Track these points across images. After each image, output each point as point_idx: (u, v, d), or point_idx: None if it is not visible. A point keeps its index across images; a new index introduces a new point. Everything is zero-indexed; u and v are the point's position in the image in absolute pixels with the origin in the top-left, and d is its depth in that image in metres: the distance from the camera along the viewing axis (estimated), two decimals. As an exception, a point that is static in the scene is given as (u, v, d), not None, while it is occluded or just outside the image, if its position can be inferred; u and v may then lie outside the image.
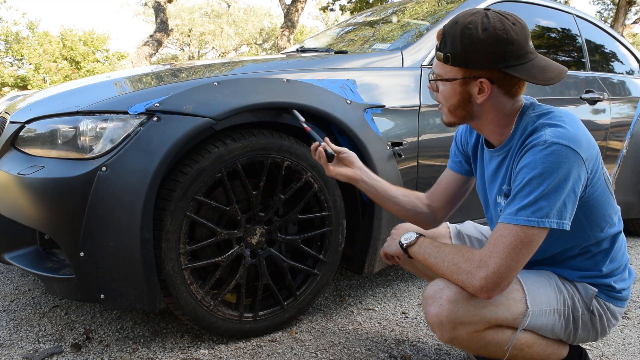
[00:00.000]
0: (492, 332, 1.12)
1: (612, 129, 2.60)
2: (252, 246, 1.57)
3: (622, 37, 3.10)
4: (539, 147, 1.02)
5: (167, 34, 11.50)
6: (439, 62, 1.10)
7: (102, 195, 1.29)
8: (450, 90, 1.11)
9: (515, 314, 1.11)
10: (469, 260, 1.05)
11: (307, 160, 1.59)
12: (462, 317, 1.07)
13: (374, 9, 3.04)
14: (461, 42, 1.03)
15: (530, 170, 1.02)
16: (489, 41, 1.02)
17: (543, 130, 1.04)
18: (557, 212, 1.00)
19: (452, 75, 1.09)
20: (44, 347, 1.53)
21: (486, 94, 1.08)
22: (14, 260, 1.55)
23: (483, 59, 1.04)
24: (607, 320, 1.20)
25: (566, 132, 1.02)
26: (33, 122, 1.47)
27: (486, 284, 1.02)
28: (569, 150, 1.00)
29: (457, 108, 1.13)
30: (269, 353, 1.52)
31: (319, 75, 1.65)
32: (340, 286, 2.10)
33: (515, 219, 1.02)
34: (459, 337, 1.10)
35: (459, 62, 1.06)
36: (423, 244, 1.19)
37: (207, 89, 1.43)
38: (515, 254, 1.01)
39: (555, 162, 0.99)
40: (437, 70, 1.12)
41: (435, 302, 1.09)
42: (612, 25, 11.78)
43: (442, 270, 1.11)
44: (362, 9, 11.52)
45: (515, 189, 1.05)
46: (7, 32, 16.12)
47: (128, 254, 1.32)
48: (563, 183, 1.00)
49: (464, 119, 1.15)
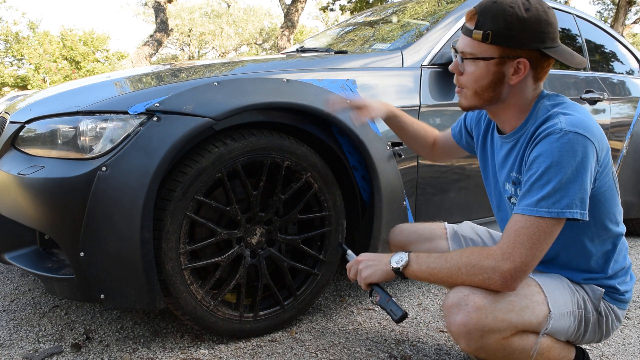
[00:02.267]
0: (518, 339, 1.08)
1: (612, 129, 2.60)
2: (252, 246, 1.57)
3: (622, 37, 3.10)
4: (554, 135, 1.01)
5: (167, 34, 11.50)
6: (473, 41, 1.07)
7: (102, 195, 1.29)
8: (483, 70, 1.08)
9: (540, 318, 1.09)
10: (490, 256, 1.03)
11: (307, 160, 1.59)
12: (491, 324, 1.03)
13: (374, 9, 3.04)
14: (504, 20, 1.02)
15: (547, 158, 1.00)
16: (532, 20, 1.02)
17: (557, 118, 1.03)
18: (579, 201, 1.00)
19: (489, 54, 1.06)
20: (44, 347, 1.53)
21: (522, 74, 1.07)
22: (14, 260, 1.55)
23: (525, 38, 1.03)
24: (611, 321, 1.19)
25: (581, 121, 1.01)
26: (33, 122, 1.47)
27: (514, 274, 1.01)
28: (585, 139, 0.99)
29: (486, 89, 1.10)
30: (269, 353, 1.52)
31: (319, 75, 1.65)
32: (340, 286, 2.10)
33: (536, 210, 1.00)
34: (486, 345, 1.05)
35: (500, 40, 1.03)
36: (420, 260, 1.13)
37: (207, 89, 1.43)
38: (540, 244, 1.01)
39: (572, 151, 0.98)
40: (469, 50, 1.08)
41: (461, 310, 1.04)
42: (612, 25, 11.78)
43: (457, 277, 1.07)
44: (362, 9, 11.52)
45: (532, 179, 1.03)
46: (7, 32, 16.12)
47: (128, 254, 1.32)
48: (581, 171, 0.99)
49: (489, 101, 1.12)
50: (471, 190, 2.01)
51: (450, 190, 1.97)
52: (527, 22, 1.02)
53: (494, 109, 1.17)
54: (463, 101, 1.16)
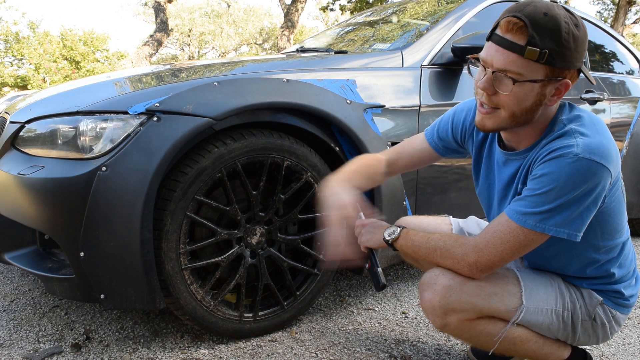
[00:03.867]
0: (483, 323, 1.13)
1: (612, 129, 2.60)
2: (252, 246, 1.57)
3: (622, 37, 3.10)
4: (567, 159, 0.94)
5: (167, 34, 11.50)
6: (521, 58, 0.93)
7: (102, 195, 1.29)
8: (528, 92, 0.96)
9: (509, 307, 1.12)
10: (463, 245, 1.08)
11: (307, 160, 1.59)
12: (454, 304, 1.09)
13: (374, 9, 3.04)
14: (563, 38, 0.92)
15: (552, 181, 0.96)
16: (582, 38, 0.94)
17: (574, 139, 0.96)
18: (570, 222, 0.98)
19: (540, 76, 0.95)
20: (44, 347, 1.53)
21: (561, 95, 0.99)
22: (14, 260, 1.55)
23: (575, 58, 0.95)
24: (609, 327, 1.19)
25: (599, 145, 0.95)
26: (33, 122, 1.47)
27: (480, 267, 1.05)
28: (600, 167, 0.94)
29: (526, 112, 0.99)
30: (269, 353, 1.52)
31: (319, 75, 1.65)
32: (340, 286, 2.10)
33: (523, 220, 1.00)
34: (450, 323, 1.12)
35: (555, 60, 0.93)
36: (408, 236, 1.17)
37: (207, 89, 1.43)
38: (512, 252, 1.02)
39: (582, 179, 0.94)
40: (515, 68, 0.95)
41: (429, 287, 1.12)
42: (612, 25, 11.78)
43: (432, 257, 1.12)
44: (362, 9, 11.52)
45: (530, 192, 1.00)
46: (7, 32, 16.12)
47: (128, 254, 1.32)
48: (584, 197, 0.96)
49: (522, 124, 1.03)
50: (471, 190, 2.00)
51: (450, 190, 1.97)
52: (579, 40, 0.94)
53: (516, 130, 1.07)
54: (490, 122, 1.04)
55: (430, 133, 1.36)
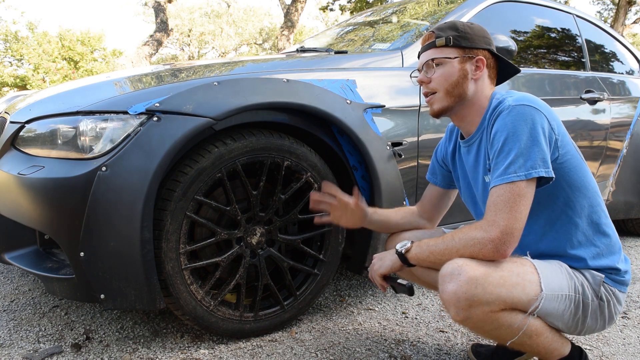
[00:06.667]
0: (506, 314, 1.13)
1: (612, 129, 2.60)
2: (252, 246, 1.56)
3: (622, 37, 3.10)
4: (504, 112, 1.15)
5: (167, 34, 11.50)
6: (437, 48, 1.27)
7: (102, 195, 1.29)
8: (449, 70, 1.26)
9: (530, 296, 1.13)
10: (477, 228, 1.12)
11: (307, 160, 1.59)
12: (480, 295, 1.09)
13: (374, 9, 3.04)
14: (459, 29, 1.26)
15: (503, 132, 1.14)
16: (477, 28, 1.28)
17: (505, 100, 1.19)
18: (541, 161, 1.10)
19: (450, 55, 1.26)
20: (44, 347, 1.53)
21: (482, 70, 1.26)
22: (14, 260, 1.55)
23: (477, 40, 1.26)
24: (613, 305, 1.22)
25: (525, 95, 1.18)
26: (33, 122, 1.47)
27: (503, 239, 1.08)
28: (531, 108, 1.13)
29: (455, 86, 1.26)
30: (269, 353, 1.52)
31: (319, 75, 1.65)
32: (340, 286, 2.10)
33: (505, 178, 1.11)
34: (473, 316, 1.10)
35: (459, 42, 1.25)
36: (421, 244, 1.24)
37: (207, 89, 1.43)
38: (517, 206, 1.09)
39: (523, 120, 1.12)
40: (435, 56, 1.27)
41: (453, 279, 1.10)
42: (612, 25, 11.78)
43: (452, 250, 1.15)
44: (362, 9, 11.52)
45: (495, 155, 1.15)
46: (7, 32, 16.11)
47: (128, 253, 1.32)
48: (535, 134, 1.11)
49: (458, 98, 1.27)
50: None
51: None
52: (475, 29, 1.28)
53: (461, 111, 1.29)
54: (435, 105, 1.29)
55: (428, 175, 1.57)
